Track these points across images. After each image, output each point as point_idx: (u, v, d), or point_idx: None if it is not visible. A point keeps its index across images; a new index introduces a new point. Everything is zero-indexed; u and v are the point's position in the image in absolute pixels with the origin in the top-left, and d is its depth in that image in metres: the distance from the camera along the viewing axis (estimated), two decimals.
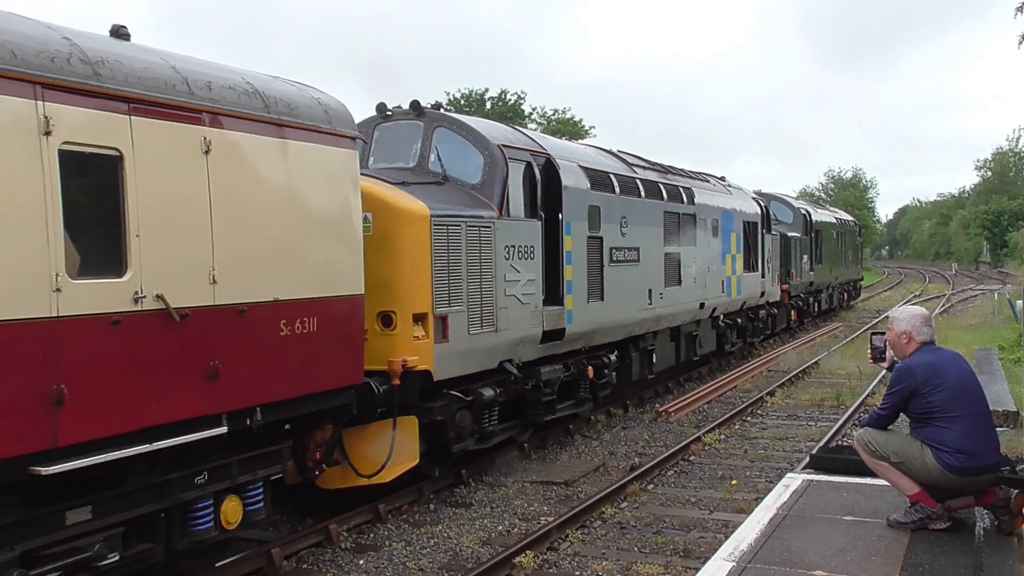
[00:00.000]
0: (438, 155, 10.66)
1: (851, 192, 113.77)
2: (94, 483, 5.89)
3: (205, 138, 6.49)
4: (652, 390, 15.66)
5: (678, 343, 16.56)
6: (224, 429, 6.58)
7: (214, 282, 6.47)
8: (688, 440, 12.15)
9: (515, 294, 10.61)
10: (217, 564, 7.11)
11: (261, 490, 7.24)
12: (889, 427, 6.15)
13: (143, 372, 5.92)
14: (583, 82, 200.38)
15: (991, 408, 6.71)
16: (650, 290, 14.65)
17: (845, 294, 36.45)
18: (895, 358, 6.09)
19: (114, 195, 5.82)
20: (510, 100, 49.38)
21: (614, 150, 15.79)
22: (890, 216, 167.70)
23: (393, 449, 8.69)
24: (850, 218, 41.79)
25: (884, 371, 6.70)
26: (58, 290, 5.38)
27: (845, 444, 9.99)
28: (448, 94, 49.74)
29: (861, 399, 14.72)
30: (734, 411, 14.31)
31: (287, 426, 7.74)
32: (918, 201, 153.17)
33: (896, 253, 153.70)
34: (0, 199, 5.15)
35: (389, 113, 11.26)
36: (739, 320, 20.32)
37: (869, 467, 6.16)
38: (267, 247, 7.00)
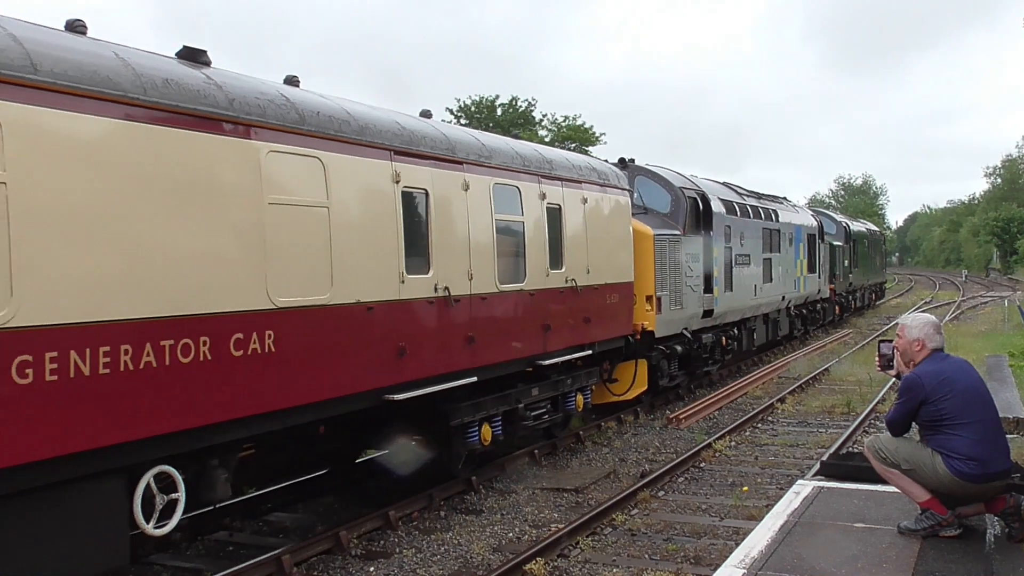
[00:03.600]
0: (640, 194, 15.95)
1: (861, 199, 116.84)
2: (534, 377, 11.28)
3: (583, 197, 11.92)
4: (663, 397, 16.07)
5: (767, 326, 22.21)
6: (591, 352, 12.14)
7: (588, 272, 11.98)
8: (698, 447, 12.14)
9: (690, 285, 16.10)
10: (229, 570, 7.30)
11: (590, 392, 12.71)
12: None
13: (567, 317, 11.46)
14: (593, 86, 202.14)
15: (1001, 415, 6.68)
16: (755, 285, 20.27)
17: (873, 294, 42.34)
18: (902, 366, 6.09)
19: (560, 230, 11.19)
20: (520, 107, 49.43)
21: (722, 181, 21.14)
22: (900, 223, 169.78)
23: (636, 379, 14.11)
24: (876, 228, 47.37)
25: (893, 379, 6.73)
26: (547, 275, 10.88)
27: (856, 451, 10.01)
28: (459, 100, 50.13)
29: (871, 406, 14.78)
30: (744, 418, 14.35)
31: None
32: (928, 208, 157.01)
33: (906, 260, 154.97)
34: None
35: None
36: (803, 311, 26.12)
37: (880, 474, 6.12)
38: (603, 252, 12.56)
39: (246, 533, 8.78)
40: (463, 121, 46.20)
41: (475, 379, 9.44)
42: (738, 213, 19.19)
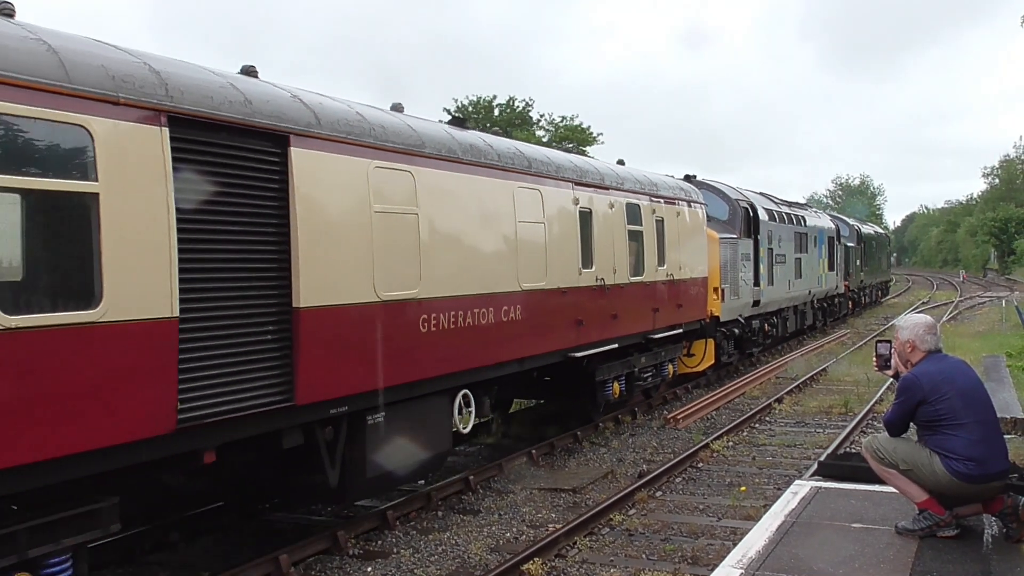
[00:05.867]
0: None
1: (859, 199, 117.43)
2: (639, 349, 14.69)
3: (677, 211, 15.46)
4: (660, 397, 16.63)
5: (796, 316, 25.96)
6: (680, 331, 15.60)
7: (680, 269, 15.50)
8: (696, 447, 12.20)
9: (743, 279, 19.74)
10: (226, 571, 7.39)
11: (675, 363, 16.13)
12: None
13: (668, 302, 14.94)
14: (589, 85, 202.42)
15: (999, 415, 6.66)
16: (789, 281, 23.95)
17: (880, 291, 46.56)
18: (900, 366, 6.11)
19: (663, 236, 14.67)
20: (518, 107, 49.92)
21: (759, 191, 24.74)
22: (898, 223, 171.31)
23: (705, 354, 17.62)
24: (883, 231, 51.24)
25: (891, 379, 6.76)
26: (656, 271, 14.30)
27: (853, 451, 10.03)
28: (456, 101, 50.23)
29: (869, 406, 14.91)
30: (742, 418, 14.47)
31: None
32: (926, 208, 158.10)
33: (904, 260, 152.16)
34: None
35: None
36: (824, 304, 29.87)
37: (877, 474, 6.13)
38: (688, 253, 16.07)
39: (244, 533, 8.91)
40: None
41: (616, 345, 13.00)
42: (776, 219, 22.89)
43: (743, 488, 10.37)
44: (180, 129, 6.15)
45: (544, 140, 46.64)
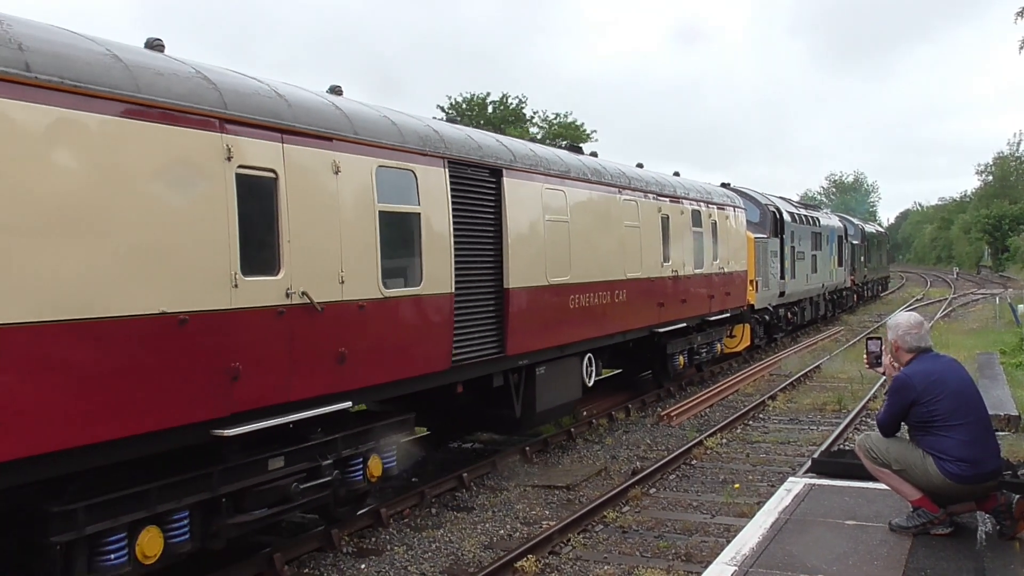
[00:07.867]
0: None
1: (852, 196, 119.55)
2: (696, 330, 17.81)
3: (725, 215, 18.71)
4: (654, 394, 16.60)
5: (811, 307, 29.25)
6: (727, 315, 18.88)
7: (728, 263, 18.78)
8: (690, 444, 12.26)
9: (772, 273, 22.98)
10: (219, 570, 7.44)
11: (722, 343, 19.24)
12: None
13: (719, 291, 18.07)
14: (582, 82, 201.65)
15: (993, 412, 6.37)
16: (807, 275, 27.27)
17: (880, 286, 50.14)
18: (890, 365, 6.13)
19: (715, 236, 17.88)
20: (511, 104, 50.13)
21: (779, 195, 27.99)
22: (891, 220, 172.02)
23: (743, 336, 20.82)
24: (883, 229, 54.70)
25: (883, 377, 6.82)
26: (710, 264, 17.52)
27: (847, 448, 10.02)
28: (450, 98, 50.55)
29: (863, 403, 14.95)
30: (736, 415, 14.48)
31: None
32: (919, 205, 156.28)
33: (897, 257, 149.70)
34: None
35: None
36: (834, 296, 33.12)
37: (871, 472, 6.14)
38: (733, 250, 19.19)
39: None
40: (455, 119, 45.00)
41: (684, 324, 16.18)
42: (797, 221, 26.20)
43: (737, 485, 10.46)
44: (452, 168, 9.35)
45: (538, 137, 45.85)
